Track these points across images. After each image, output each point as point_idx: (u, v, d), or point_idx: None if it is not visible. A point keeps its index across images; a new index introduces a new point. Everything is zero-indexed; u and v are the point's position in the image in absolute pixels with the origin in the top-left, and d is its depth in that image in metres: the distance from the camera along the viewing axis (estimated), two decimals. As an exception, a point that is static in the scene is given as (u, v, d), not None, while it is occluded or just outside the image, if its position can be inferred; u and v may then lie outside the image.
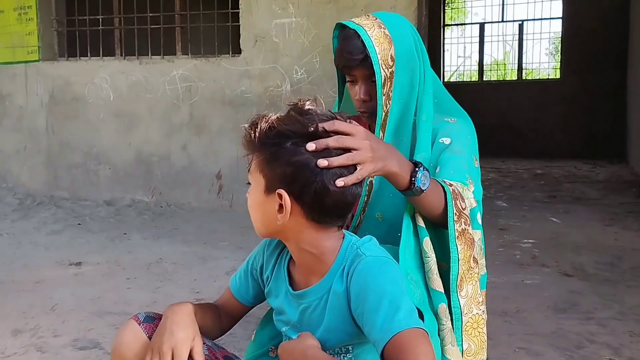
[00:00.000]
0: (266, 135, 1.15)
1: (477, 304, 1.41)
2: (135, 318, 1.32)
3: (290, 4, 5.01)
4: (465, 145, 1.58)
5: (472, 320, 1.40)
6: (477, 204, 1.49)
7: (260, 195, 1.17)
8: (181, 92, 5.44)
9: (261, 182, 1.17)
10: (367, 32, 1.50)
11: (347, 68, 1.57)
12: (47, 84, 5.88)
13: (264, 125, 1.15)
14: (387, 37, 1.51)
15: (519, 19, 11.35)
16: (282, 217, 1.14)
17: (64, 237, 4.36)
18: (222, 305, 1.45)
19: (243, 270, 1.42)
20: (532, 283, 3.19)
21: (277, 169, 1.13)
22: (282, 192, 1.13)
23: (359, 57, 1.51)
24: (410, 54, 1.54)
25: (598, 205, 5.43)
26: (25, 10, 5.86)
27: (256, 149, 1.17)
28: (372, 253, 1.17)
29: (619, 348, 2.33)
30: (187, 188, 5.49)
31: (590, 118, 9.93)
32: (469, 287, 1.40)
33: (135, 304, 2.88)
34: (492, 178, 7.41)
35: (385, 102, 1.51)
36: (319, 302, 1.20)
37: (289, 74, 5.08)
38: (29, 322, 2.65)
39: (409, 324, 1.02)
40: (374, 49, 1.48)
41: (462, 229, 1.39)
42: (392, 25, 1.54)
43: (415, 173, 1.30)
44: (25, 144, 6.04)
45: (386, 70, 1.50)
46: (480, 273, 1.47)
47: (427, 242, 1.41)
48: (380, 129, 1.53)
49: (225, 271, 3.44)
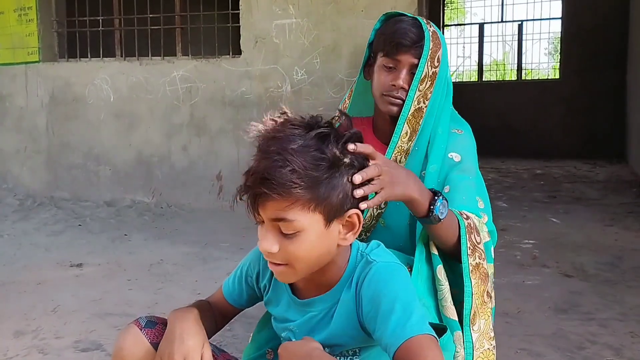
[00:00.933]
0: (309, 172, 1.04)
1: (488, 339, 1.41)
2: (136, 323, 1.29)
3: (291, 5, 5.02)
4: (473, 162, 1.59)
5: (482, 356, 1.40)
6: (491, 237, 1.49)
7: (321, 233, 1.09)
8: (181, 93, 5.44)
9: (318, 219, 1.08)
10: (426, 24, 1.52)
11: (398, 47, 1.53)
12: (47, 84, 5.88)
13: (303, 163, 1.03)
14: (439, 38, 1.54)
15: (519, 19, 11.35)
16: (352, 235, 1.14)
17: (65, 238, 4.37)
18: (214, 304, 1.43)
19: (236, 276, 1.40)
20: (533, 284, 3.19)
21: (335, 191, 1.08)
22: (356, 211, 1.12)
23: (416, 41, 1.51)
24: (448, 64, 1.58)
25: (598, 205, 5.44)
26: (25, 12, 5.86)
27: (304, 187, 1.04)
28: (382, 259, 1.17)
29: (620, 349, 2.33)
30: (187, 189, 5.49)
31: (589, 118, 9.93)
32: (481, 322, 1.40)
33: (136, 305, 2.88)
34: (492, 178, 7.41)
35: (419, 98, 1.51)
36: (327, 311, 1.20)
37: (289, 74, 5.08)
38: (31, 323, 2.65)
39: (421, 330, 1.03)
40: (429, 42, 1.50)
41: (476, 263, 1.39)
42: (439, 31, 1.57)
43: (435, 202, 1.30)
44: (25, 144, 6.04)
45: (430, 68, 1.51)
46: (491, 306, 1.46)
47: (440, 270, 1.41)
48: (405, 122, 1.52)
49: (226, 272, 3.44)
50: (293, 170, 1.02)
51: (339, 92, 4.87)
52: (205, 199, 5.40)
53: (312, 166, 1.03)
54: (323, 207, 1.07)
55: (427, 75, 1.50)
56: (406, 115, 1.52)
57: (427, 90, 1.52)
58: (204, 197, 5.41)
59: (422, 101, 1.52)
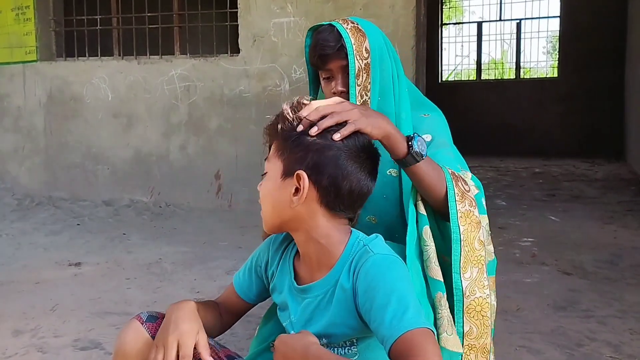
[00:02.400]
0: (292, 128, 1.21)
1: (481, 287, 1.38)
2: (137, 318, 1.33)
3: (289, 4, 5.01)
4: (447, 137, 1.62)
5: (474, 303, 1.38)
6: (479, 190, 1.49)
7: (277, 180, 1.21)
8: (180, 91, 5.43)
9: (279, 166, 1.21)
10: (341, 25, 1.55)
11: (323, 58, 1.57)
12: (45, 84, 5.88)
13: (292, 118, 1.21)
14: (360, 31, 1.55)
15: (517, 18, 11.36)
16: (297, 199, 1.17)
17: (63, 238, 4.36)
18: (223, 302, 1.46)
19: (247, 267, 1.43)
20: (532, 281, 3.19)
21: (299, 153, 1.18)
22: (302, 173, 1.17)
23: (335, 45, 1.54)
24: (383, 50, 1.58)
25: (597, 203, 5.44)
26: (23, 11, 5.85)
27: (279, 136, 1.22)
28: (380, 251, 1.18)
29: (619, 346, 2.33)
30: (185, 188, 5.49)
31: (588, 116, 9.94)
32: (474, 270, 1.38)
33: (135, 304, 2.88)
34: (490, 177, 7.42)
35: (361, 92, 1.54)
36: (324, 297, 1.21)
37: (287, 73, 5.07)
38: (30, 322, 2.65)
39: (418, 324, 1.04)
40: (349, 39, 1.53)
41: (466, 210, 1.38)
42: (363, 23, 1.59)
43: (412, 138, 1.33)
44: (23, 144, 6.03)
45: (360, 61, 1.53)
46: (488, 259, 1.45)
47: (426, 230, 1.41)
48: None
49: (224, 271, 3.44)
50: (280, 120, 1.23)
51: (337, 90, 4.87)
52: (203, 198, 5.40)
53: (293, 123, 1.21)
54: (285, 158, 1.21)
55: (360, 69, 1.52)
56: None
57: (366, 82, 1.54)
58: (202, 196, 5.40)
59: (364, 94, 1.54)
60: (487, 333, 1.40)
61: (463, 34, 12.21)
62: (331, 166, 1.17)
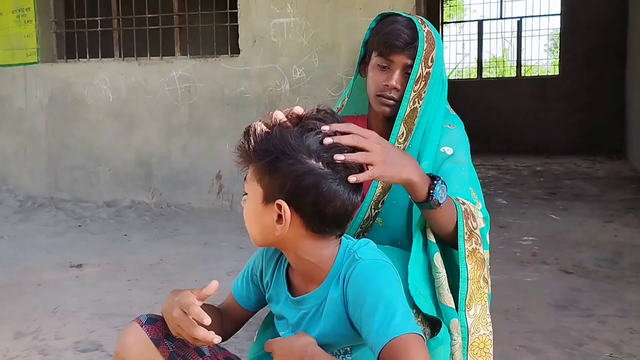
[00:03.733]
0: (263, 144, 1.13)
1: (485, 324, 1.40)
2: (137, 320, 1.33)
3: (289, 4, 5.02)
4: (466, 155, 1.60)
5: (478, 341, 1.39)
6: (485, 223, 1.49)
7: (258, 205, 1.16)
8: (180, 92, 5.44)
9: (259, 192, 1.15)
10: (420, 25, 1.52)
11: (392, 48, 1.54)
12: (46, 85, 5.89)
13: (260, 134, 1.14)
14: (433, 38, 1.54)
15: (518, 16, 11.35)
16: (281, 227, 1.14)
17: (65, 239, 4.37)
18: (225, 309, 1.45)
19: (244, 276, 1.42)
20: (533, 280, 3.20)
21: (277, 179, 1.12)
22: (282, 203, 1.12)
23: (409, 42, 1.52)
24: (442, 63, 1.58)
25: (598, 201, 5.44)
26: (23, 13, 5.86)
27: (252, 160, 1.15)
28: (368, 256, 1.16)
29: (619, 345, 2.33)
30: (187, 189, 5.50)
31: (589, 114, 9.93)
32: (477, 307, 1.40)
33: (136, 305, 2.89)
34: (491, 175, 7.42)
35: (414, 98, 1.52)
36: (318, 308, 1.21)
37: (288, 73, 5.08)
38: (31, 324, 2.66)
39: (405, 329, 1.03)
40: (423, 43, 1.50)
41: (472, 248, 1.38)
42: (433, 29, 1.57)
43: (434, 186, 1.29)
44: (25, 146, 6.05)
45: (424, 68, 1.51)
46: (488, 292, 1.46)
47: (437, 257, 1.40)
48: (402, 123, 1.53)
49: (226, 272, 3.45)
50: (255, 139, 1.14)
51: (337, 90, 4.88)
52: (205, 198, 5.41)
53: (264, 144, 1.12)
54: (263, 184, 1.14)
55: (421, 75, 1.51)
56: (402, 117, 1.52)
57: (422, 90, 1.52)
58: (203, 197, 5.41)
59: (417, 101, 1.52)
60: None
61: (464, 32, 12.20)
62: (312, 192, 1.10)
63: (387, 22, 1.58)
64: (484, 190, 6.32)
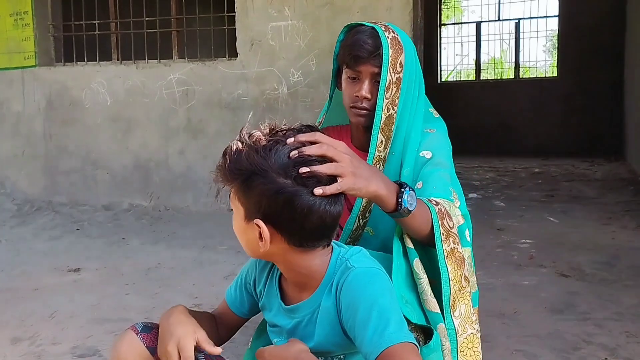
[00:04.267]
0: (236, 164, 1.13)
1: (470, 323, 1.41)
2: (132, 328, 1.33)
3: (286, 7, 5.02)
4: (446, 157, 1.60)
5: (467, 341, 1.40)
6: (465, 220, 1.49)
7: (242, 223, 1.17)
8: (178, 96, 5.44)
9: (240, 210, 1.16)
10: (384, 32, 1.53)
11: (357, 59, 1.55)
12: (44, 89, 5.89)
13: (234, 153, 1.14)
14: (399, 43, 1.54)
15: (516, 18, 11.37)
16: (262, 245, 1.14)
17: (63, 243, 4.37)
18: (219, 315, 1.45)
19: (237, 283, 1.42)
20: (530, 284, 3.19)
21: (252, 198, 1.12)
22: (259, 223, 1.12)
23: (373, 51, 1.52)
24: (414, 66, 1.57)
25: (596, 204, 5.44)
26: (21, 16, 5.86)
27: (229, 179, 1.15)
28: (361, 264, 1.16)
29: (615, 349, 2.33)
30: (185, 192, 5.50)
31: (587, 116, 9.95)
32: (462, 307, 1.40)
33: (133, 310, 2.88)
34: (489, 177, 7.42)
35: (388, 105, 1.52)
36: (311, 317, 1.21)
37: (285, 76, 5.09)
38: (28, 330, 2.66)
39: (399, 338, 1.03)
40: (387, 49, 1.51)
41: (451, 248, 1.38)
42: (402, 35, 1.57)
43: (402, 194, 1.28)
44: (23, 149, 6.05)
45: (393, 74, 1.51)
46: (472, 291, 1.46)
47: (417, 263, 1.40)
48: (379, 131, 1.53)
49: (223, 276, 3.45)
50: (231, 158, 1.14)
51: (335, 93, 4.87)
52: (202, 202, 5.41)
53: (237, 163, 1.13)
54: (242, 203, 1.15)
55: (391, 82, 1.51)
56: (379, 125, 1.53)
57: (394, 96, 1.53)
58: (201, 200, 5.41)
59: (391, 108, 1.53)
60: None
61: (462, 33, 12.22)
62: (287, 210, 1.10)
63: (351, 33, 1.60)
64: (482, 192, 6.30)
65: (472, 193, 6.19)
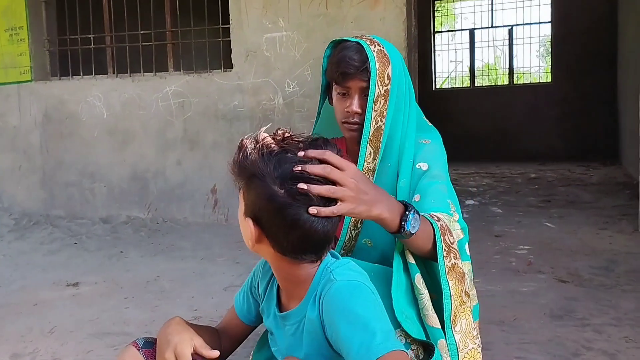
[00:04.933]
0: (243, 162, 1.15)
1: (471, 338, 1.42)
2: (134, 344, 1.34)
3: (281, 18, 5.05)
4: (442, 168, 1.61)
5: (468, 355, 1.40)
6: (464, 234, 1.50)
7: (241, 215, 1.19)
8: (174, 108, 5.46)
9: (242, 204, 1.19)
10: (369, 46, 1.55)
11: (345, 76, 1.58)
12: (40, 103, 5.90)
13: (244, 151, 1.15)
14: (386, 55, 1.56)
15: (509, 24, 11.43)
16: (251, 242, 1.16)
17: (61, 257, 4.36)
18: (224, 327, 1.45)
19: (244, 289, 1.43)
20: (528, 290, 3.20)
21: (250, 198, 1.14)
22: (249, 222, 1.14)
23: (360, 66, 1.55)
24: (402, 77, 1.59)
25: (592, 208, 5.46)
26: (16, 31, 5.88)
27: (236, 174, 1.18)
28: (343, 277, 1.15)
29: (615, 354, 2.34)
30: (182, 203, 5.50)
31: (582, 120, 9.99)
32: (462, 322, 1.41)
33: (133, 323, 2.88)
34: (486, 184, 7.44)
35: (376, 118, 1.54)
36: (298, 326, 1.21)
37: (281, 87, 5.11)
38: (28, 345, 2.65)
39: (387, 348, 1.02)
40: (374, 63, 1.53)
41: (452, 264, 1.39)
42: (388, 47, 1.60)
43: (406, 217, 1.29)
44: (20, 163, 6.05)
45: (381, 87, 1.53)
46: (472, 304, 1.47)
47: (418, 278, 1.41)
48: (367, 143, 1.55)
49: (222, 287, 3.45)
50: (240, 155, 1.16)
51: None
52: (200, 213, 5.41)
53: (243, 162, 1.15)
54: (244, 197, 1.17)
55: (379, 94, 1.53)
56: (367, 137, 1.55)
57: (382, 108, 1.55)
58: (199, 211, 5.42)
59: (379, 120, 1.55)
60: None
61: (456, 41, 12.27)
62: (276, 218, 1.11)
63: (337, 50, 1.62)
64: (479, 199, 6.31)
65: (469, 200, 6.21)
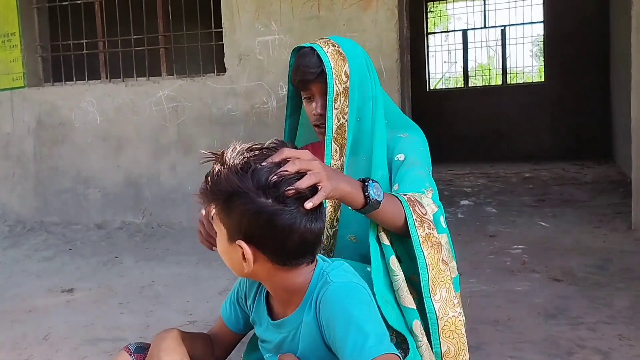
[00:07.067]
0: (217, 186, 1.14)
1: (452, 306, 1.43)
2: (126, 349, 1.34)
3: (273, 22, 5.06)
4: (419, 156, 1.65)
5: (449, 323, 1.42)
6: (439, 208, 1.53)
7: (225, 244, 1.18)
8: (168, 112, 5.46)
9: (223, 231, 1.17)
10: (322, 49, 1.59)
11: (304, 82, 1.63)
12: (33, 109, 5.88)
13: (215, 175, 1.15)
14: (341, 54, 1.60)
15: (501, 25, 11.46)
16: (246, 265, 1.15)
17: (56, 264, 4.35)
18: (215, 334, 1.46)
19: (231, 299, 1.43)
20: (523, 290, 3.21)
21: (234, 219, 1.13)
22: (242, 244, 1.13)
23: (316, 71, 1.59)
24: (363, 72, 1.63)
25: (586, 207, 5.48)
26: (9, 38, 5.87)
27: (211, 201, 1.17)
28: (339, 279, 1.17)
29: (608, 352, 2.35)
30: (177, 208, 5.49)
31: (576, 119, 10.01)
32: (442, 291, 1.42)
33: (128, 329, 2.88)
34: (481, 184, 7.45)
35: (338, 115, 1.58)
36: (295, 332, 1.22)
37: (274, 90, 5.11)
38: (22, 352, 2.65)
39: (379, 351, 1.03)
40: (329, 63, 1.57)
41: (426, 234, 1.42)
42: (345, 45, 1.63)
43: (366, 187, 1.33)
44: (13, 170, 6.03)
45: (339, 85, 1.57)
46: (452, 275, 1.49)
47: (393, 260, 1.44)
48: (332, 141, 1.59)
49: (217, 291, 3.44)
50: (212, 180, 1.16)
51: (324, 105, 4.91)
52: (195, 217, 5.34)
53: (217, 185, 1.14)
54: (225, 223, 1.16)
55: (338, 93, 1.57)
56: (331, 135, 1.59)
57: (343, 105, 1.59)
58: (194, 216, 5.37)
59: (342, 117, 1.59)
60: (464, 350, 1.44)
61: (449, 41, 12.29)
62: (268, 229, 1.11)
63: (296, 57, 1.67)
64: (474, 199, 6.31)
65: (464, 200, 6.22)
